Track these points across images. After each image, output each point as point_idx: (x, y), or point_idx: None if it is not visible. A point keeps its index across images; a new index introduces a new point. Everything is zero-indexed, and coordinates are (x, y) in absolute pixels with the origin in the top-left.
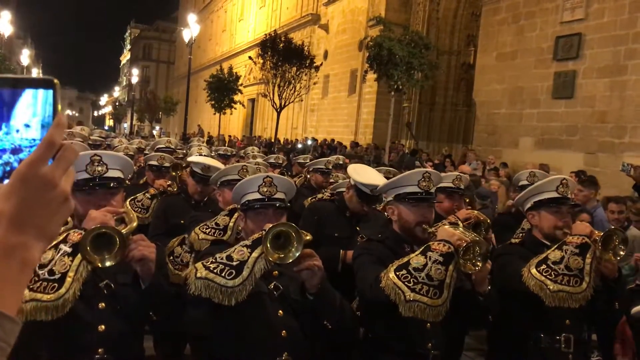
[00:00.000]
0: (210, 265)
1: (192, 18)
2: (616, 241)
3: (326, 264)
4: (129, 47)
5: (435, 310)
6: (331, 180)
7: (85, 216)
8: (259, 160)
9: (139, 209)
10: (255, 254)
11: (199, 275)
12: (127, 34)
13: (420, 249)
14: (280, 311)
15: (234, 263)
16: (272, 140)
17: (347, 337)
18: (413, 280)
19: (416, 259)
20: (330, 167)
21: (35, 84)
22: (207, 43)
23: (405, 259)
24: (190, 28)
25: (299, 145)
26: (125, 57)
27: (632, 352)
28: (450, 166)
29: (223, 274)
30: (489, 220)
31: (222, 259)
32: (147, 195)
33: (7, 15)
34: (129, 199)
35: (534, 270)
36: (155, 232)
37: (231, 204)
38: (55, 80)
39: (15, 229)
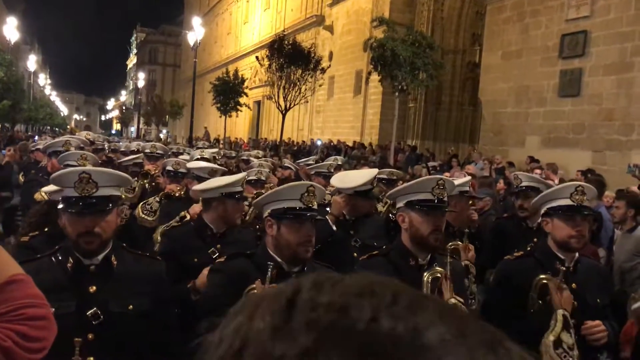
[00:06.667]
0: None
1: (197, 21)
2: None
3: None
4: (135, 51)
5: None
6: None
7: (75, 237)
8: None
9: (148, 212)
10: None
11: None
12: (133, 37)
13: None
14: None
15: None
16: (278, 143)
17: None
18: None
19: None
20: (332, 171)
21: None
22: (212, 46)
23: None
24: (195, 31)
25: (318, 143)
26: (132, 61)
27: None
28: (457, 166)
29: None
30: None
31: None
32: (156, 198)
33: (13, 21)
34: (140, 204)
35: None
36: None
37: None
38: None
39: None
